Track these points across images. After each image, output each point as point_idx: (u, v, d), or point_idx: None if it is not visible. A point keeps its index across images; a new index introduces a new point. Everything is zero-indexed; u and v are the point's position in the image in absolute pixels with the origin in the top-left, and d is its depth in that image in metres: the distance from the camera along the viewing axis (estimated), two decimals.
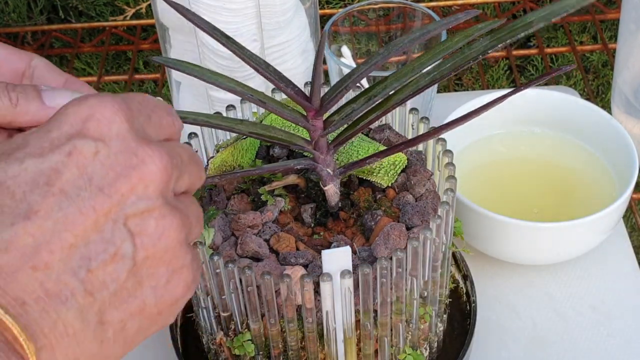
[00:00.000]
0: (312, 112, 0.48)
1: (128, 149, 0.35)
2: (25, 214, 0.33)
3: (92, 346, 0.34)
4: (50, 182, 0.33)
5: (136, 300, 0.35)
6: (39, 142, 0.34)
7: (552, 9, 0.46)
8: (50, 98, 0.46)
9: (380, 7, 0.77)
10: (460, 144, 0.74)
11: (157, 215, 0.35)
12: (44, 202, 0.33)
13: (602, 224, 0.67)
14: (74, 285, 0.33)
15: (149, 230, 0.35)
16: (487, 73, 1.18)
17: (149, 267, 0.35)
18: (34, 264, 0.32)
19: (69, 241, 0.33)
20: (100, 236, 0.33)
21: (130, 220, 0.34)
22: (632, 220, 1.03)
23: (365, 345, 0.52)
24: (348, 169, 0.52)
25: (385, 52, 0.47)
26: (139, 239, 0.34)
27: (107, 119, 0.35)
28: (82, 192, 0.33)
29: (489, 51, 0.46)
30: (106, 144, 0.34)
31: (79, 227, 0.33)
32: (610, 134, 0.72)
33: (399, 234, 0.49)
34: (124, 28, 1.10)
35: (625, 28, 0.78)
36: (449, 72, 0.47)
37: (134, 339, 0.36)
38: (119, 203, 0.34)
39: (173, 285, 0.36)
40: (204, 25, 0.47)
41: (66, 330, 0.33)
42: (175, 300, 0.36)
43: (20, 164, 0.33)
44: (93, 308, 0.33)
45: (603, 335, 0.67)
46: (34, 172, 0.33)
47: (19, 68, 0.49)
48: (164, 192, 0.35)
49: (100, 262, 0.33)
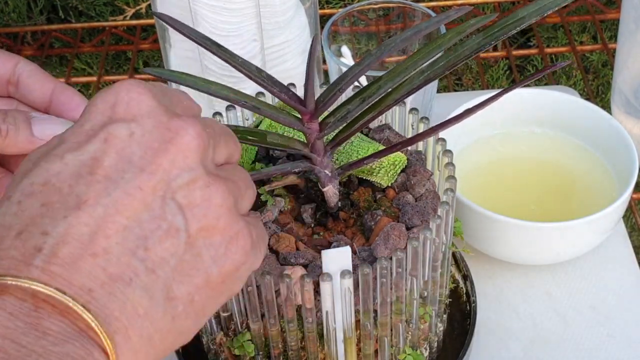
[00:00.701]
0: (307, 115, 0.48)
1: (160, 124, 0.35)
2: (76, 205, 0.33)
3: (165, 323, 0.34)
4: (92, 171, 0.34)
5: (199, 272, 0.35)
6: (74, 137, 0.35)
7: (543, 3, 0.46)
8: (40, 129, 0.46)
9: (380, 7, 0.77)
10: (460, 144, 0.74)
11: (201, 185, 0.35)
12: (90, 191, 0.34)
13: (602, 224, 0.66)
14: (136, 265, 0.33)
15: (197, 200, 0.35)
16: (487, 73, 1.18)
17: (204, 238, 0.35)
18: (93, 251, 0.33)
19: (122, 223, 0.33)
20: (151, 214, 0.34)
21: (177, 193, 0.35)
22: (632, 220, 1.03)
23: (365, 345, 0.52)
24: (347, 169, 0.52)
25: (378, 52, 0.47)
26: (189, 211, 0.35)
27: (134, 99, 0.36)
28: (125, 174, 0.34)
29: (482, 48, 0.46)
30: (138, 123, 0.35)
31: (128, 208, 0.34)
32: (610, 134, 0.72)
33: (399, 234, 0.49)
34: (124, 28, 1.10)
35: (625, 28, 0.78)
36: (443, 70, 0.47)
37: (204, 311, 0.36)
38: (163, 178, 0.35)
39: (232, 252, 0.36)
40: (194, 35, 0.47)
41: (136, 310, 0.33)
42: (236, 267, 0.36)
43: (61, 160, 0.34)
44: (158, 285, 0.34)
45: (603, 335, 0.67)
46: (75, 165, 0.34)
47: (3, 74, 0.49)
48: (204, 161, 0.36)
49: (156, 239, 0.34)
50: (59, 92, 0.49)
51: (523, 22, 0.45)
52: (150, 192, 0.34)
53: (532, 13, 0.46)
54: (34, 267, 0.32)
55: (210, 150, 0.37)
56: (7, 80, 0.49)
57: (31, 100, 0.49)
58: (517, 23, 0.45)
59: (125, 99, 0.36)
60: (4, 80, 0.49)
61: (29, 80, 0.49)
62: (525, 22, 0.45)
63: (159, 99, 0.36)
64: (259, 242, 0.38)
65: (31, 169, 0.35)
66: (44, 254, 0.32)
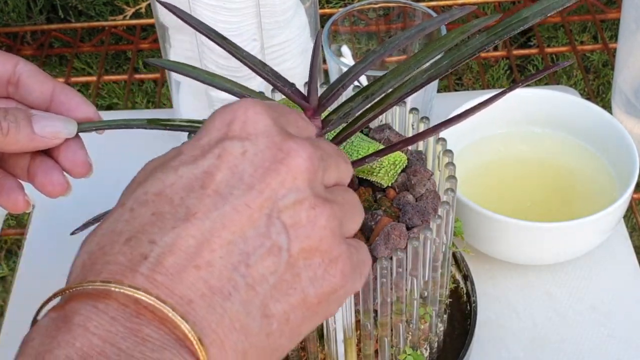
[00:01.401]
0: (309, 111, 0.48)
1: (274, 144, 0.36)
2: (185, 217, 0.34)
3: (259, 339, 0.35)
4: (204, 185, 0.35)
5: (296, 291, 0.35)
6: (190, 150, 0.36)
7: (547, 3, 0.46)
8: (40, 127, 0.46)
9: (381, 6, 0.77)
10: (461, 144, 0.74)
11: (307, 207, 0.36)
12: (200, 204, 0.34)
13: (603, 224, 0.66)
14: (236, 280, 0.34)
15: (302, 221, 0.35)
16: (488, 73, 1.18)
17: (305, 258, 0.36)
18: (197, 263, 0.33)
19: (227, 238, 0.34)
20: (256, 231, 0.35)
21: (283, 213, 0.35)
22: (632, 220, 1.03)
23: (365, 345, 0.52)
24: None
25: (382, 50, 0.47)
26: (293, 231, 0.35)
27: (250, 119, 0.36)
28: (235, 191, 0.35)
29: (485, 48, 0.46)
30: (252, 142, 0.36)
31: (235, 224, 0.34)
32: (611, 133, 0.72)
33: (399, 234, 0.49)
34: (124, 28, 1.10)
35: (626, 27, 0.78)
36: (446, 69, 0.47)
37: (299, 331, 0.36)
38: (271, 197, 0.35)
39: (330, 274, 0.36)
40: (200, 26, 0.47)
41: (233, 324, 0.34)
42: (333, 290, 0.37)
43: (176, 172, 0.35)
44: (256, 301, 0.34)
45: (603, 335, 0.67)
46: (188, 178, 0.35)
47: (3, 74, 0.49)
48: (312, 183, 0.36)
49: (258, 256, 0.34)
50: (59, 92, 0.49)
51: (527, 22, 0.45)
52: (257, 210, 0.35)
53: (536, 13, 0.45)
54: (139, 274, 0.33)
55: (320, 172, 0.37)
56: (7, 80, 0.49)
57: (31, 101, 0.49)
58: (520, 23, 0.45)
59: (242, 117, 0.37)
60: (3, 80, 0.49)
61: (28, 81, 0.49)
62: (529, 22, 0.45)
63: (275, 119, 0.37)
64: (359, 266, 0.38)
65: (147, 178, 0.36)
66: (149, 262, 0.33)
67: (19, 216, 1.07)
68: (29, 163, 0.48)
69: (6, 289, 1.14)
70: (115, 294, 0.32)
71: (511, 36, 0.52)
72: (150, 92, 1.21)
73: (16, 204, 0.49)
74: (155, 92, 1.15)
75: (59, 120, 0.47)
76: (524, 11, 0.46)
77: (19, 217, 1.08)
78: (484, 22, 0.47)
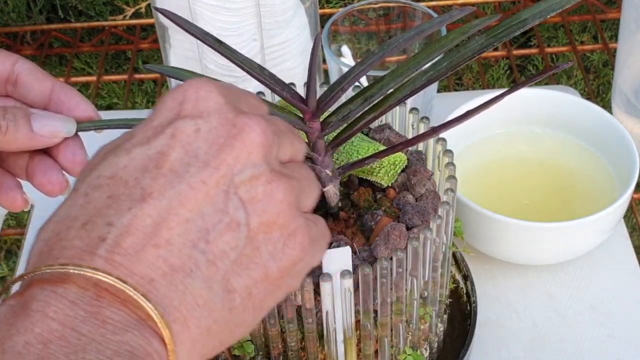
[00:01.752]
0: (308, 114, 0.48)
1: (227, 121, 0.36)
2: (141, 197, 0.34)
3: (222, 314, 0.35)
4: (159, 165, 0.35)
5: (257, 266, 0.36)
6: (143, 132, 0.36)
7: (547, 5, 0.46)
8: (39, 125, 0.47)
9: (381, 6, 0.77)
10: (460, 144, 0.74)
11: (264, 181, 0.36)
12: (156, 184, 0.34)
13: (603, 224, 0.66)
14: (197, 257, 0.34)
15: (259, 196, 0.36)
16: (488, 73, 1.18)
17: (264, 232, 0.36)
18: (155, 242, 0.33)
19: (184, 216, 0.34)
20: (214, 207, 0.35)
21: (240, 188, 0.35)
22: (632, 220, 1.03)
23: (365, 345, 0.52)
24: (348, 169, 0.52)
25: (380, 51, 0.47)
26: (251, 206, 0.35)
27: (202, 97, 0.37)
28: (190, 168, 0.35)
29: (485, 49, 0.46)
30: (205, 120, 0.36)
31: (192, 201, 0.34)
32: (611, 133, 0.72)
33: (399, 234, 0.49)
34: (124, 28, 1.10)
35: (626, 27, 0.78)
36: (446, 71, 0.47)
37: (262, 305, 0.37)
38: (227, 173, 0.35)
39: (290, 248, 0.37)
40: (197, 32, 0.47)
41: (196, 301, 0.34)
42: (294, 263, 0.37)
43: (129, 154, 0.35)
44: (218, 277, 0.34)
45: (603, 335, 0.67)
46: (142, 159, 0.35)
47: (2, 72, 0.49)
48: (268, 158, 0.36)
49: (217, 232, 0.35)
50: (58, 90, 0.49)
51: (526, 24, 0.45)
52: (213, 186, 0.35)
53: (536, 14, 0.45)
54: (97, 256, 0.33)
55: (275, 147, 0.37)
56: (6, 79, 0.49)
57: (30, 99, 0.49)
58: (520, 24, 0.45)
59: (193, 96, 0.37)
60: (2, 79, 0.49)
61: (27, 79, 0.49)
62: (529, 23, 0.45)
63: (227, 97, 0.37)
64: (318, 240, 0.39)
65: (99, 162, 0.36)
66: (107, 244, 0.33)
67: (19, 216, 1.07)
68: (27, 162, 0.48)
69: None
70: (74, 277, 0.32)
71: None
72: (150, 92, 1.21)
73: (14, 202, 0.49)
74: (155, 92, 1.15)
75: (58, 119, 0.47)
76: (523, 13, 0.45)
77: (18, 217, 1.08)
78: (484, 23, 0.47)
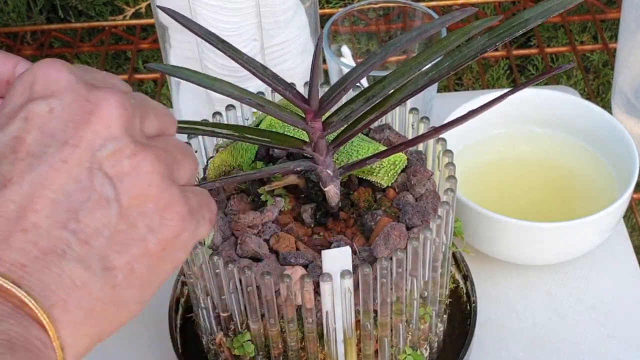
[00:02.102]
0: (310, 114, 0.48)
1: (80, 97, 0.35)
2: (1, 184, 0.33)
3: (105, 293, 0.34)
4: (16, 150, 0.34)
5: (135, 241, 0.35)
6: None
7: (549, 5, 0.46)
8: None
9: (381, 6, 0.77)
10: (460, 144, 0.74)
11: (128, 154, 0.35)
12: (15, 169, 0.34)
13: (603, 224, 0.66)
14: (67, 237, 0.33)
15: (125, 169, 0.35)
16: (487, 73, 1.18)
17: (137, 206, 0.35)
18: (22, 227, 0.33)
19: (49, 197, 0.34)
20: (79, 185, 0.34)
21: (104, 163, 0.35)
22: (632, 220, 1.03)
23: (365, 345, 0.52)
24: (348, 169, 0.52)
25: (382, 52, 0.47)
26: (118, 180, 0.35)
27: (52, 77, 0.36)
28: (49, 149, 0.34)
29: (487, 49, 0.46)
30: (58, 99, 0.35)
31: (55, 182, 0.34)
32: (611, 133, 0.72)
33: (399, 234, 0.49)
34: (124, 28, 1.10)
35: (626, 27, 0.78)
36: (448, 71, 0.47)
37: (149, 280, 0.36)
38: (88, 150, 0.34)
39: (167, 219, 0.36)
40: (200, 30, 0.47)
41: (73, 282, 0.33)
42: (176, 234, 0.36)
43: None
44: (93, 255, 0.34)
45: (603, 335, 0.67)
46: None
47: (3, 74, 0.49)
48: (129, 130, 0.35)
49: (86, 210, 0.34)
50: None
51: (528, 24, 0.45)
52: (75, 165, 0.34)
53: (538, 15, 0.45)
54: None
55: (137, 120, 0.36)
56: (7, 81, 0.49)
57: None
58: (522, 25, 0.45)
59: (43, 77, 0.36)
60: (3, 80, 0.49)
61: None
62: (531, 23, 0.45)
63: (79, 75, 0.36)
64: (201, 210, 0.38)
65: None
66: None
67: None
68: None
69: None
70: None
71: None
72: (150, 92, 1.21)
73: None
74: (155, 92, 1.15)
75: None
76: (525, 13, 0.45)
77: None
78: (485, 24, 0.47)
